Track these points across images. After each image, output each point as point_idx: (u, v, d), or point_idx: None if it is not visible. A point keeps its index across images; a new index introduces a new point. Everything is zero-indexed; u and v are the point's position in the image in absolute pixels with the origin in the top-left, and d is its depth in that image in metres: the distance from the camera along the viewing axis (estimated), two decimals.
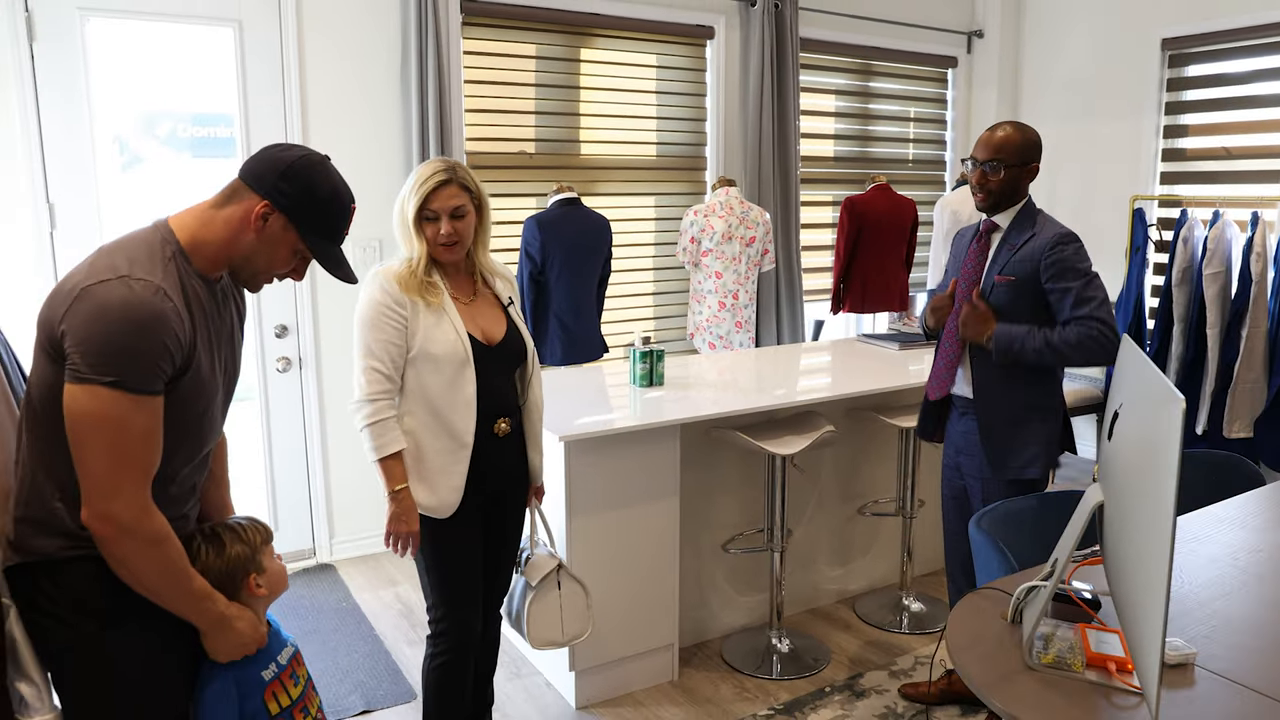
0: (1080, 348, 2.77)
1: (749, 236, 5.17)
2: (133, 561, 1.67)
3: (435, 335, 2.47)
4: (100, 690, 1.76)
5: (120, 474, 1.63)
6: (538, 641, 2.83)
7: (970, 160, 2.94)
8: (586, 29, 5.18)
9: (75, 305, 1.60)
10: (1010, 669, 1.82)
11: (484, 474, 2.57)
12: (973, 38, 6.86)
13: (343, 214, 1.86)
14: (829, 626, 4.03)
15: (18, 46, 3.81)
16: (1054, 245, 2.80)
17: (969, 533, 2.53)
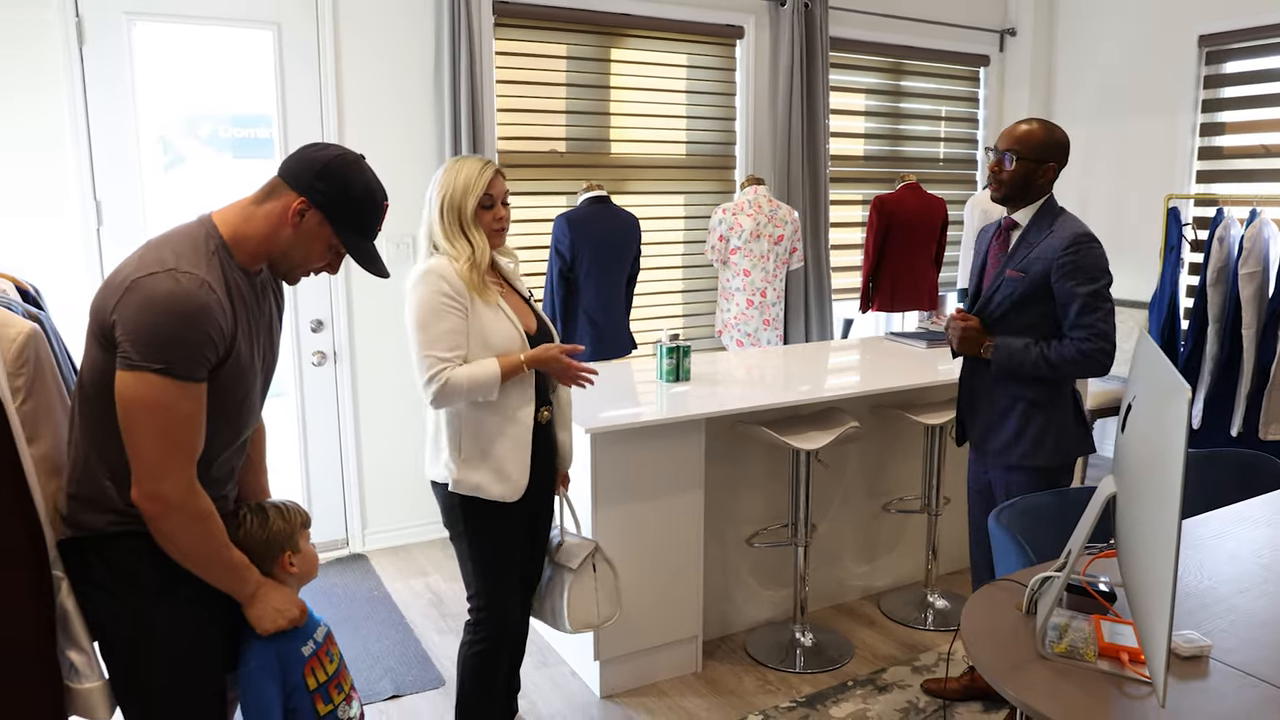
0: (1075, 364, 2.81)
1: (777, 235, 5.20)
2: (178, 536, 1.76)
3: (495, 328, 2.56)
4: (143, 660, 1.84)
5: (168, 456, 1.72)
6: (576, 624, 2.86)
7: (993, 149, 2.96)
8: (617, 29, 5.23)
9: (126, 296, 1.69)
10: (1023, 658, 1.85)
11: (536, 461, 2.66)
12: (1005, 36, 6.84)
13: (376, 211, 1.92)
14: (853, 622, 4.06)
15: (68, 49, 3.93)
16: (1070, 245, 2.81)
17: (989, 526, 2.55)
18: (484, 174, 2.55)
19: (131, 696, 1.89)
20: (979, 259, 3.13)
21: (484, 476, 2.58)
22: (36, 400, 1.86)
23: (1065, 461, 2.98)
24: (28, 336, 1.84)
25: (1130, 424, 1.80)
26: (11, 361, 1.81)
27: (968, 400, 3.13)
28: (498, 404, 2.57)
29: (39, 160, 3.93)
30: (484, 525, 2.63)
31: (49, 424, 1.89)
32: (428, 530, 4.91)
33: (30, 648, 1.70)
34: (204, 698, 1.91)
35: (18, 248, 3.90)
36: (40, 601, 1.74)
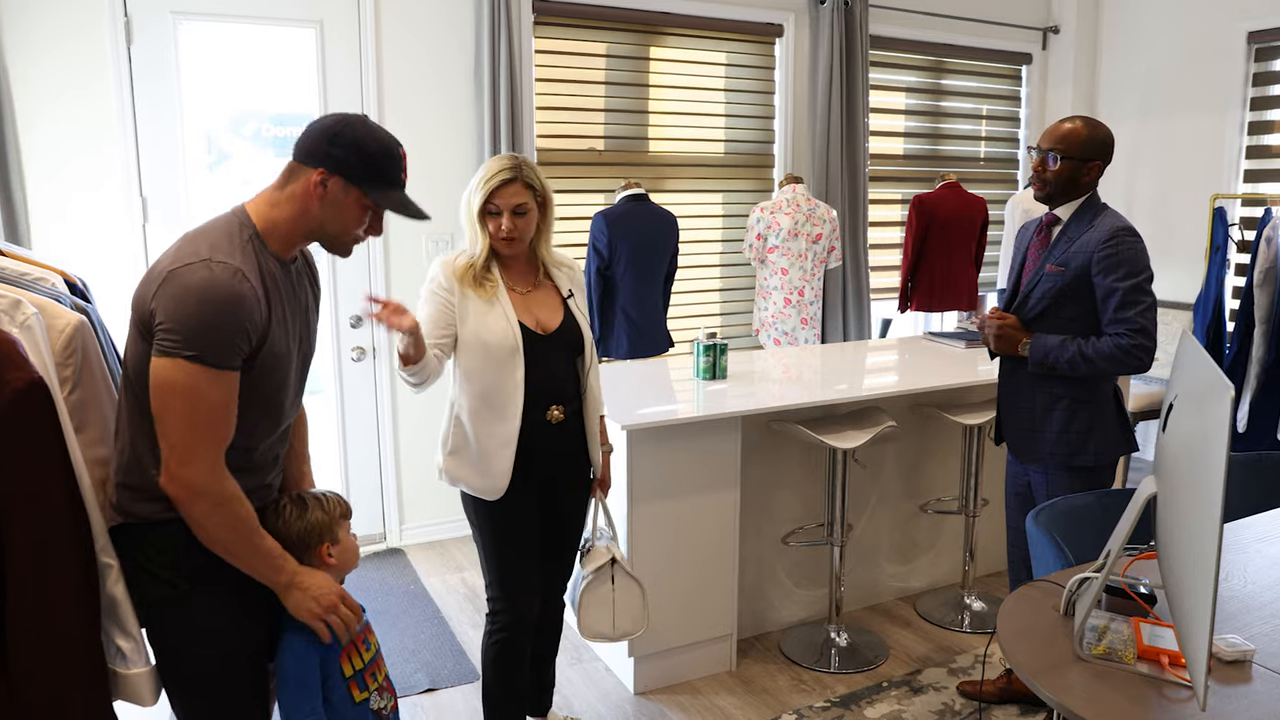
0: (1114, 360, 2.77)
1: (815, 233, 5.18)
2: (206, 521, 1.78)
3: (487, 323, 2.56)
4: (185, 646, 1.88)
5: (195, 441, 1.74)
6: (587, 632, 2.90)
7: (1035, 148, 2.93)
8: (656, 27, 5.24)
9: (163, 287, 1.73)
10: (1060, 659, 1.83)
11: (535, 460, 2.64)
12: (1048, 33, 6.76)
13: (393, 159, 1.92)
14: (889, 623, 4.04)
15: (116, 48, 4.00)
16: (1110, 238, 2.78)
17: (1026, 527, 2.53)
18: (491, 180, 2.53)
19: (175, 682, 1.92)
20: (1019, 256, 3.10)
21: (466, 471, 2.62)
22: (84, 390, 1.90)
23: (1108, 461, 2.94)
24: (75, 328, 1.87)
25: (1172, 424, 1.78)
26: (60, 352, 1.85)
27: (1007, 401, 3.09)
28: (489, 399, 2.57)
29: (87, 157, 4.01)
30: (490, 519, 2.66)
31: (96, 413, 1.92)
32: (464, 526, 4.94)
33: (75, 633, 1.74)
34: (245, 684, 1.94)
35: (66, 242, 3.98)
36: (85, 588, 1.77)
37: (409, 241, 4.68)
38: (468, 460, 2.62)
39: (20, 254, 2.29)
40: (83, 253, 3.99)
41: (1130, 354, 2.75)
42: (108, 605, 1.85)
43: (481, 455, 2.60)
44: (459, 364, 2.61)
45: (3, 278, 1.97)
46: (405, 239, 4.67)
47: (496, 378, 2.57)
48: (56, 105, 3.93)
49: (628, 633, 2.97)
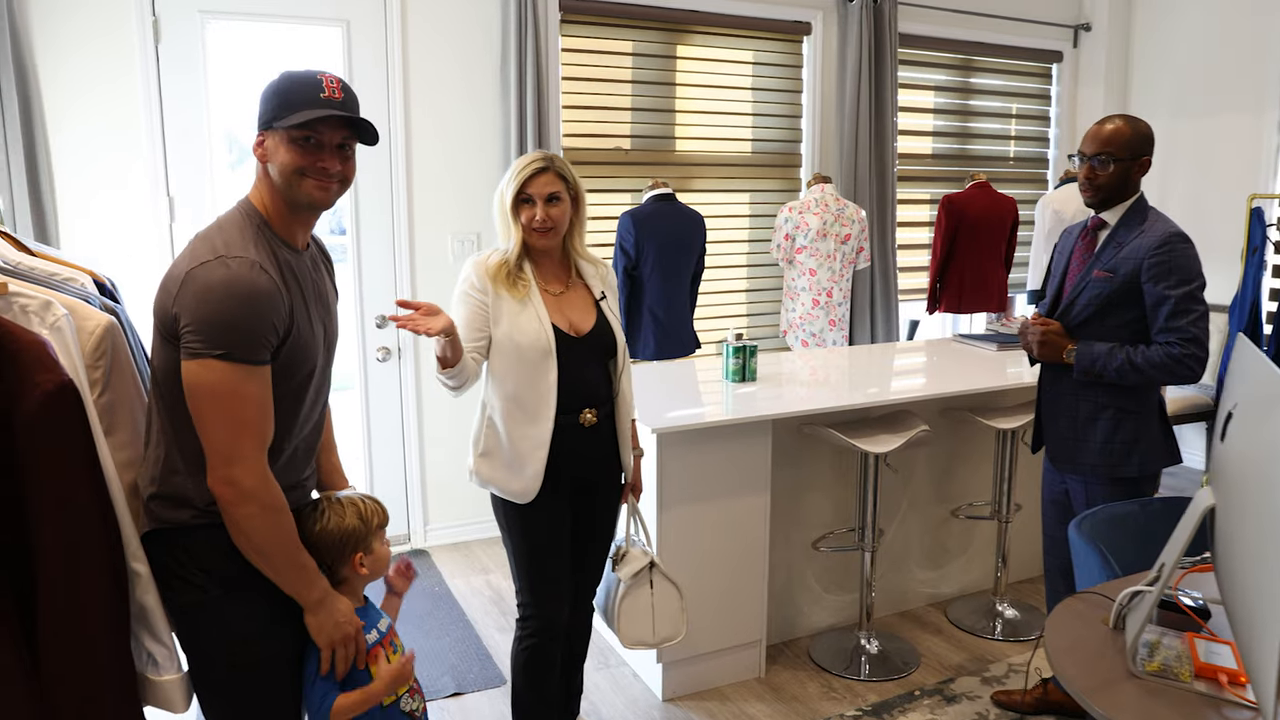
0: (1164, 369, 2.69)
1: (844, 234, 5.12)
2: (249, 525, 1.75)
3: (520, 324, 2.52)
4: (219, 650, 1.85)
5: (239, 440, 1.72)
6: (628, 640, 2.84)
7: (1077, 155, 2.85)
8: (683, 25, 5.19)
9: (183, 289, 1.70)
10: (1112, 675, 1.77)
11: (567, 462, 2.60)
12: (1079, 31, 6.67)
13: (302, 84, 1.81)
14: (919, 630, 3.98)
15: (145, 47, 3.98)
16: (1162, 244, 2.70)
17: (1069, 536, 2.47)
18: (524, 170, 2.51)
19: (206, 686, 1.90)
20: (1061, 260, 3.02)
21: (498, 473, 2.58)
22: (114, 393, 1.87)
23: (1153, 472, 2.87)
24: (105, 329, 1.85)
25: (1232, 433, 1.72)
26: (90, 354, 1.82)
27: (1048, 408, 3.01)
28: (521, 401, 2.53)
29: (114, 155, 4.00)
30: (521, 522, 2.61)
31: (126, 416, 1.90)
32: (489, 527, 4.90)
33: (105, 636, 1.71)
34: (275, 688, 1.91)
35: (93, 241, 3.96)
36: (115, 592, 1.74)
37: (434, 241, 4.65)
38: (500, 462, 2.58)
39: (50, 254, 2.27)
40: (109, 252, 3.98)
41: (1181, 363, 2.67)
42: (138, 612, 1.82)
43: (514, 458, 2.56)
44: (491, 365, 2.57)
45: (33, 278, 1.95)
46: (430, 239, 4.64)
47: (529, 380, 2.53)
48: (84, 104, 3.92)
49: (668, 638, 2.89)
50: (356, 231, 4.53)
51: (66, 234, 3.93)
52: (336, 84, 1.84)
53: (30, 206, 3.75)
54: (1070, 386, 2.92)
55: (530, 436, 2.54)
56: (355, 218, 4.51)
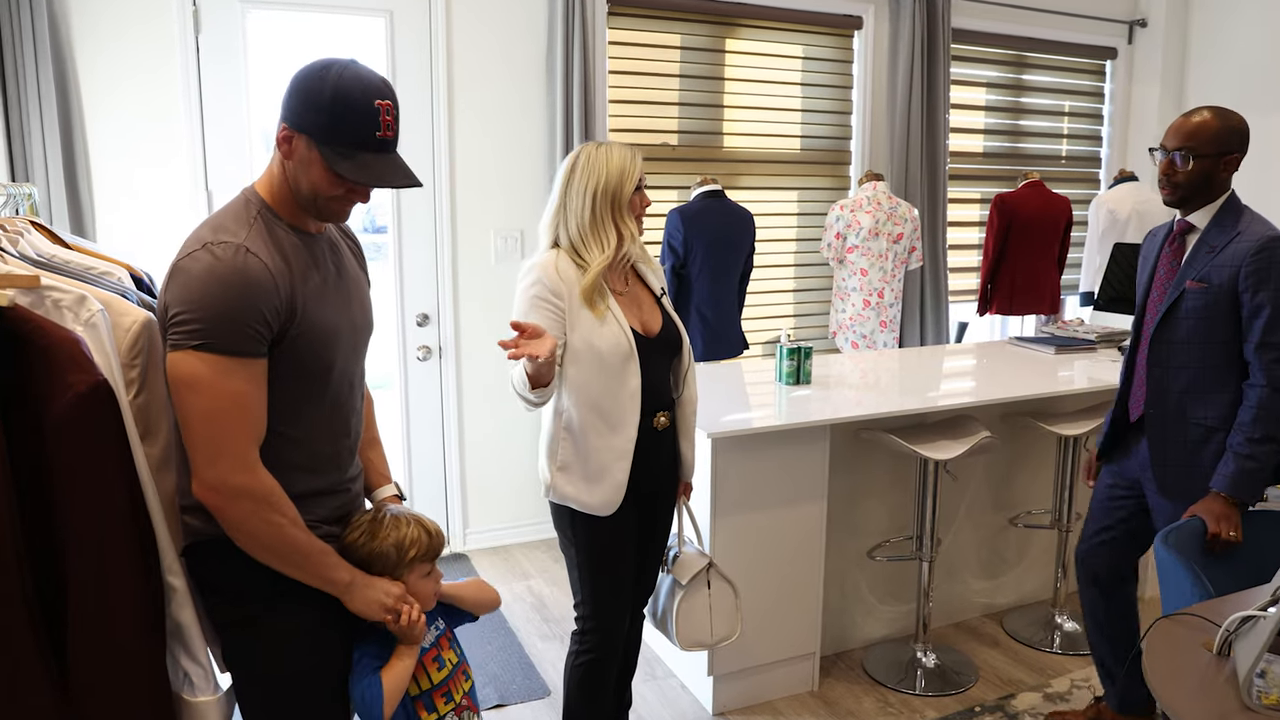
0: (1266, 423, 2.46)
1: (896, 233, 4.97)
2: (246, 525, 1.63)
3: (600, 330, 2.38)
4: (262, 665, 1.75)
5: (219, 438, 1.59)
6: (686, 642, 2.72)
7: (1159, 149, 2.64)
8: (732, 19, 5.06)
9: (170, 282, 1.60)
10: (1226, 708, 1.63)
11: (642, 470, 2.47)
12: (1135, 27, 6.47)
13: (357, 113, 1.64)
14: (975, 642, 3.83)
15: (184, 37, 3.91)
16: (1262, 248, 2.47)
17: (1155, 550, 2.31)
18: (637, 159, 2.43)
19: (250, 703, 1.80)
20: (1147, 268, 2.79)
21: (578, 487, 2.43)
22: (150, 393, 1.77)
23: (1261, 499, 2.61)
24: (142, 325, 1.75)
25: None
26: (126, 352, 1.72)
27: (1155, 434, 2.70)
28: (603, 410, 2.40)
29: (153, 146, 3.93)
30: (591, 534, 2.47)
31: (164, 419, 1.79)
32: (530, 531, 4.80)
33: (137, 646, 1.61)
34: (322, 704, 1.81)
35: (130, 234, 3.89)
36: (149, 603, 1.64)
37: (477, 238, 4.54)
38: (579, 475, 2.43)
39: (86, 246, 2.18)
40: (147, 245, 3.89)
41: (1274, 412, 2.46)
42: (174, 629, 1.72)
43: (597, 470, 2.41)
44: (565, 374, 2.41)
45: (69, 272, 1.86)
46: (473, 236, 4.54)
47: (610, 387, 2.39)
48: (122, 94, 3.85)
49: (724, 637, 2.79)
50: (398, 228, 4.44)
51: (104, 226, 3.86)
52: (391, 117, 1.68)
53: (67, 198, 3.69)
54: (1176, 408, 2.66)
55: (614, 447, 2.41)
56: (396, 214, 4.42)
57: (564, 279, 2.38)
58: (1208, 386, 2.60)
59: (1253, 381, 2.51)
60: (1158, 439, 2.69)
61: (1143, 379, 2.73)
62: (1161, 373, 2.66)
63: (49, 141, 3.64)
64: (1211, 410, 2.60)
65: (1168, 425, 2.67)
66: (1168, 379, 2.66)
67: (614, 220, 2.40)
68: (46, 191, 3.66)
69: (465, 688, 2.00)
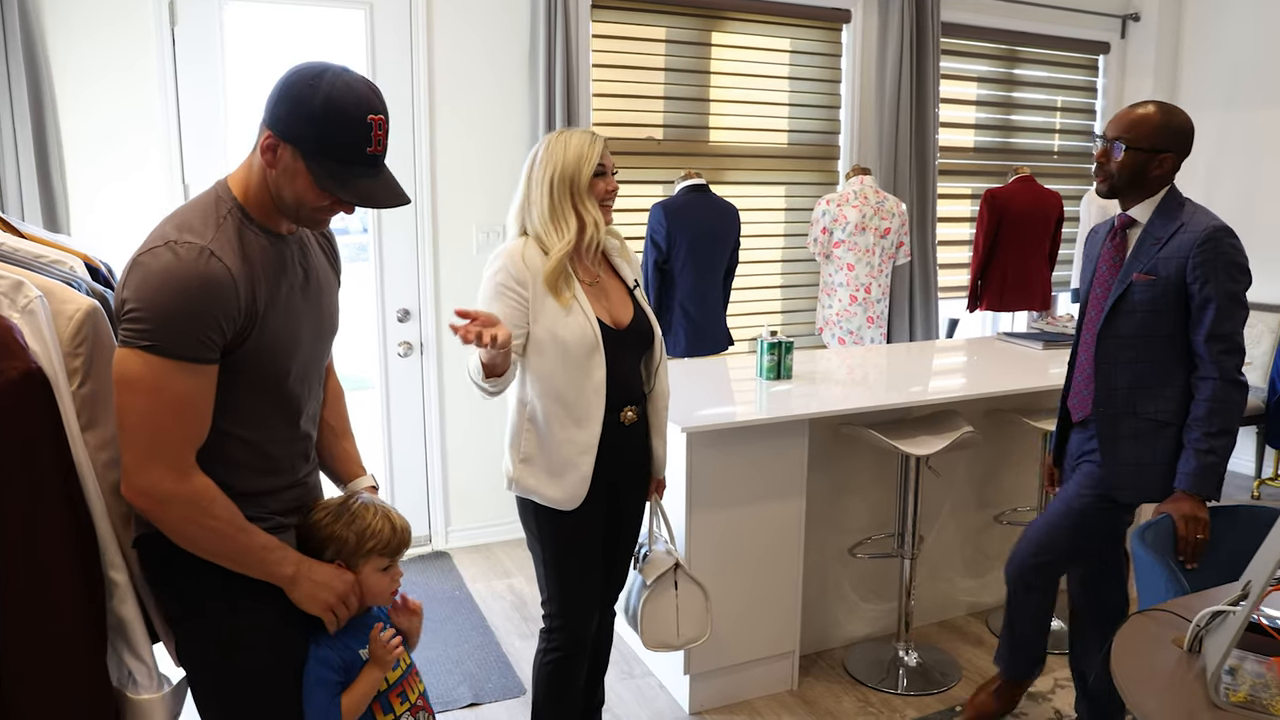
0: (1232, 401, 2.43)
1: (884, 228, 4.93)
2: (183, 528, 1.59)
3: (564, 320, 2.34)
4: (217, 661, 1.71)
5: (154, 443, 1.54)
6: (651, 642, 2.69)
7: (1101, 136, 2.59)
8: (718, 12, 5.01)
9: (128, 275, 1.55)
10: (1193, 706, 1.58)
11: (608, 465, 2.42)
12: (1128, 21, 6.43)
13: (349, 127, 1.59)
14: (960, 641, 3.78)
15: (160, 30, 3.87)
16: (1208, 238, 2.42)
17: (1132, 548, 2.27)
18: (596, 143, 2.38)
19: (205, 700, 1.75)
20: (1089, 265, 2.75)
21: (540, 480, 2.39)
22: (96, 382, 1.72)
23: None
24: (86, 313, 1.70)
25: None
26: (68, 340, 1.67)
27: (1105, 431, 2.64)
28: (567, 402, 2.35)
29: (129, 142, 3.88)
30: (555, 529, 2.43)
31: (109, 409, 1.74)
32: (512, 529, 4.75)
33: (77, 653, 1.57)
34: (279, 702, 1.76)
35: (106, 229, 3.85)
36: (89, 602, 1.60)
37: (459, 233, 4.50)
38: (542, 468, 2.39)
39: (43, 236, 2.13)
40: (123, 241, 3.85)
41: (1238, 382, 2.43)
42: (116, 625, 1.68)
43: (560, 463, 2.37)
44: (529, 364, 2.38)
45: (15, 260, 1.81)
46: (454, 230, 4.49)
47: (574, 379, 2.34)
48: (98, 89, 3.81)
49: (691, 640, 2.76)
50: (378, 223, 4.39)
51: (79, 221, 3.81)
52: (382, 132, 1.63)
53: (40, 193, 3.64)
54: (1125, 404, 2.60)
55: (577, 441, 2.37)
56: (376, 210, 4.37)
57: (529, 267, 2.34)
58: (1156, 380, 2.55)
59: (1203, 374, 2.47)
60: (1108, 436, 2.63)
61: (1088, 378, 2.69)
62: (1110, 369, 2.61)
63: (20, 138, 3.59)
64: (1162, 405, 2.55)
65: (1118, 422, 2.61)
66: (1116, 375, 2.60)
67: (574, 206, 2.36)
68: (18, 186, 3.61)
69: (420, 689, 1.96)
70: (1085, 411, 2.71)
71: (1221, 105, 6.10)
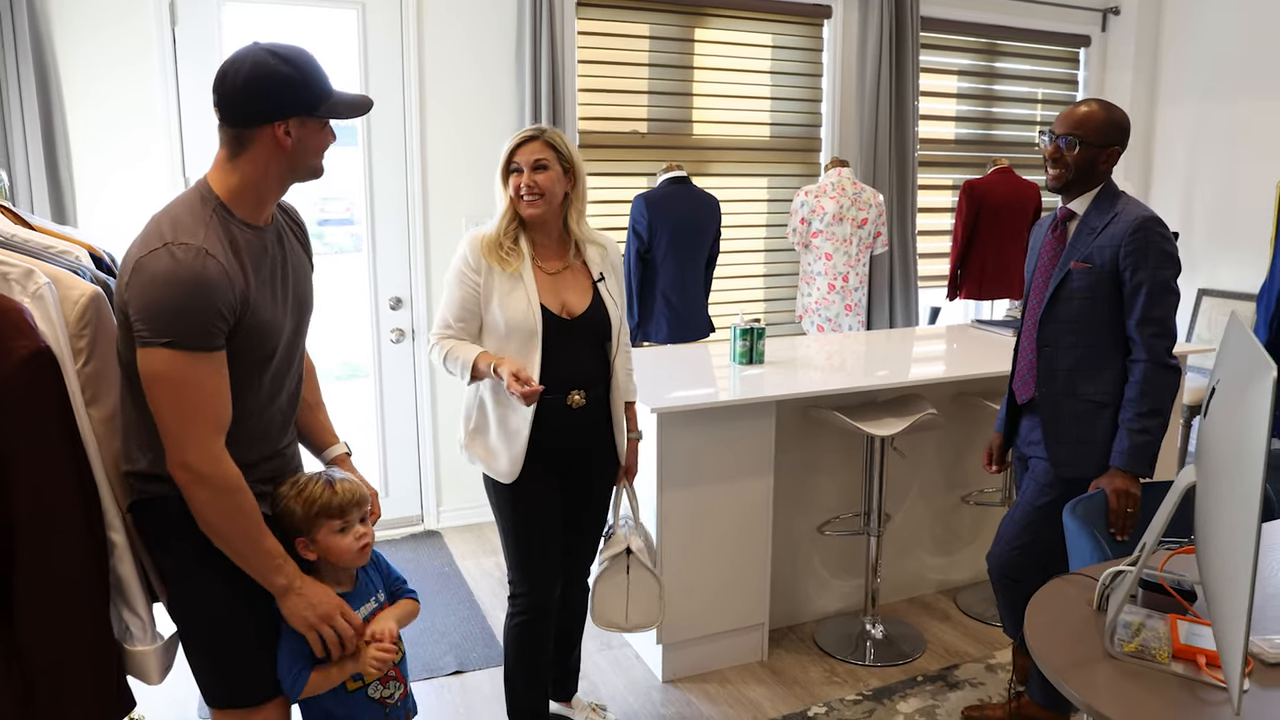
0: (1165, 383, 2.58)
1: (860, 218, 5.08)
2: (207, 509, 1.76)
3: (508, 304, 2.53)
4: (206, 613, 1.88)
5: (189, 426, 1.73)
6: (600, 620, 2.85)
7: (1046, 133, 2.73)
8: (701, 9, 5.16)
9: (132, 278, 1.71)
10: (1089, 656, 1.75)
11: (553, 443, 2.60)
12: (1108, 15, 6.56)
13: (316, 73, 1.87)
14: (927, 616, 3.95)
15: (161, 30, 4.03)
16: (1138, 228, 2.57)
17: (1064, 520, 2.43)
18: (518, 137, 2.56)
19: (194, 651, 1.92)
20: (1032, 257, 2.91)
21: (487, 450, 2.61)
22: (98, 362, 1.89)
23: None
24: (90, 299, 1.87)
25: (1213, 409, 1.69)
26: (74, 323, 1.84)
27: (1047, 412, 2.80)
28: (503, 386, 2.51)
29: (133, 136, 4.05)
30: (509, 501, 2.63)
31: (111, 386, 1.91)
32: None
33: (83, 604, 1.74)
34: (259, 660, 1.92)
35: (110, 221, 4.01)
36: (96, 563, 1.77)
37: (449, 222, 4.66)
38: (486, 441, 2.60)
39: (50, 228, 2.30)
40: (126, 230, 4.00)
41: (1169, 365, 2.59)
42: (115, 583, 1.85)
43: (499, 437, 2.58)
44: (484, 343, 2.58)
45: (25, 249, 1.98)
46: (444, 221, 4.65)
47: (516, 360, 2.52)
48: (102, 86, 3.97)
49: (640, 625, 2.91)
50: (370, 213, 4.56)
51: (85, 211, 3.98)
52: None
53: (48, 186, 3.81)
54: (1065, 386, 2.76)
55: (512, 418, 2.56)
56: (369, 200, 4.53)
57: (484, 249, 2.55)
58: (1095, 364, 2.71)
59: (1136, 357, 2.62)
60: (1051, 418, 2.79)
61: (1031, 362, 2.84)
62: (1051, 353, 2.77)
63: (30, 132, 3.76)
64: (1100, 386, 2.71)
65: (1059, 403, 2.77)
66: (1057, 358, 2.76)
67: (505, 188, 2.58)
68: (28, 179, 3.78)
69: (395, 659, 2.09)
70: (1029, 394, 2.87)
71: (1200, 97, 6.23)
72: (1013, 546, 2.88)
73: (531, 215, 2.56)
